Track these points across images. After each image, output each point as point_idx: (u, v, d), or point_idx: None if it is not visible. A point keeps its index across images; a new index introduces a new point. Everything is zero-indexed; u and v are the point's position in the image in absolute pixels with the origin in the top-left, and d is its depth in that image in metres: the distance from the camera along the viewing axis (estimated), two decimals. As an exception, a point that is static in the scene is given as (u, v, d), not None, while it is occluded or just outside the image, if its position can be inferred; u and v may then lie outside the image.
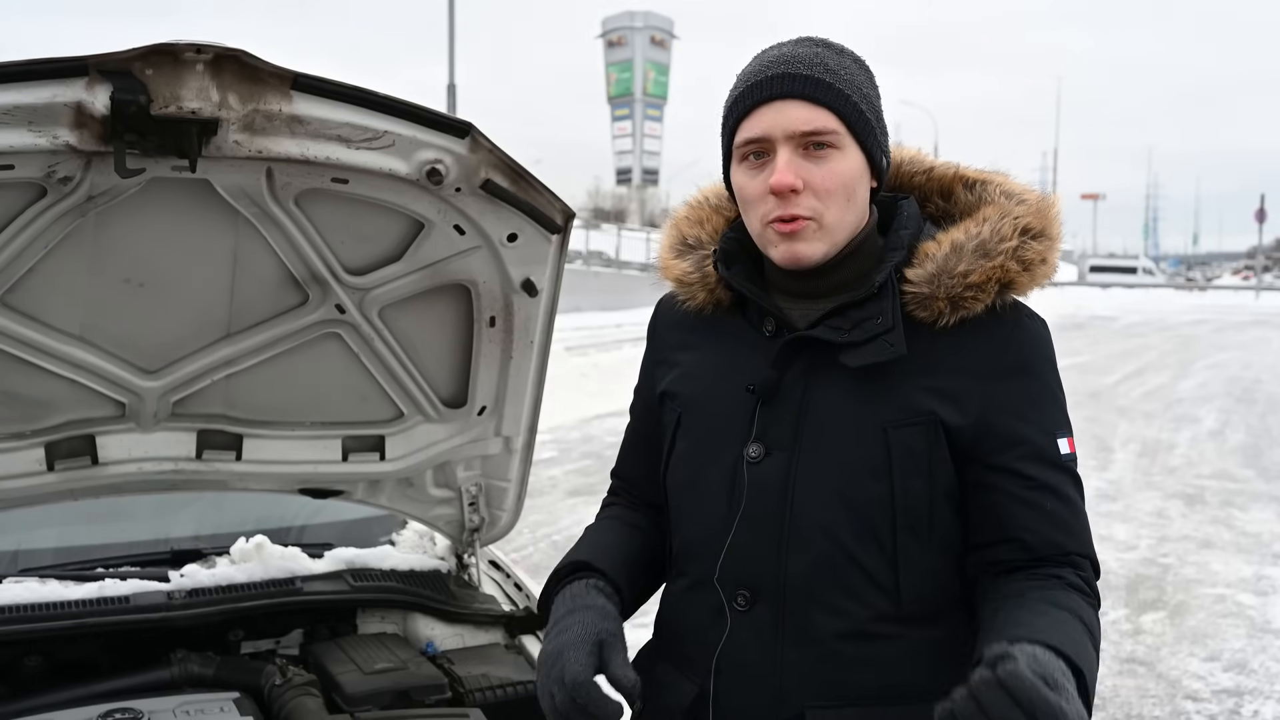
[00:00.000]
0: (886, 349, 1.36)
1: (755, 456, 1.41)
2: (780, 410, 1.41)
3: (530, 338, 2.20)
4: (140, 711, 1.98)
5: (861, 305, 1.39)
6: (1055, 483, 1.38)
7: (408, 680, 2.19)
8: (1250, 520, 7.62)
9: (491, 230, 2.00)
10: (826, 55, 1.39)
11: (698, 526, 1.47)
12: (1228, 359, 19.00)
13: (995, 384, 1.38)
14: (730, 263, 1.48)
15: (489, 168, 1.89)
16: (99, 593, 2.21)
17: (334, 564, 2.47)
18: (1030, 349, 1.41)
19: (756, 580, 1.40)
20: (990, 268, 1.37)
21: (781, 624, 1.39)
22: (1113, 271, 53.98)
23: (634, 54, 70.81)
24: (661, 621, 1.56)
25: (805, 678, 1.38)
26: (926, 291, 1.38)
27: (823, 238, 1.38)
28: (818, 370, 1.40)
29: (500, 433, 2.37)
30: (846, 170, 1.37)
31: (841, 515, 1.37)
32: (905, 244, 1.42)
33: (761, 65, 1.39)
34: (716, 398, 1.47)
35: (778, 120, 1.35)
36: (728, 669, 1.43)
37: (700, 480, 1.47)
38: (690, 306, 1.54)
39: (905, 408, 1.37)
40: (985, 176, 1.51)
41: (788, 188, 1.34)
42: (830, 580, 1.38)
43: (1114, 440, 10.58)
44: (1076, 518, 1.39)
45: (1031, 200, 1.45)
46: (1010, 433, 1.38)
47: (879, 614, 1.37)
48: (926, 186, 1.53)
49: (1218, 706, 4.50)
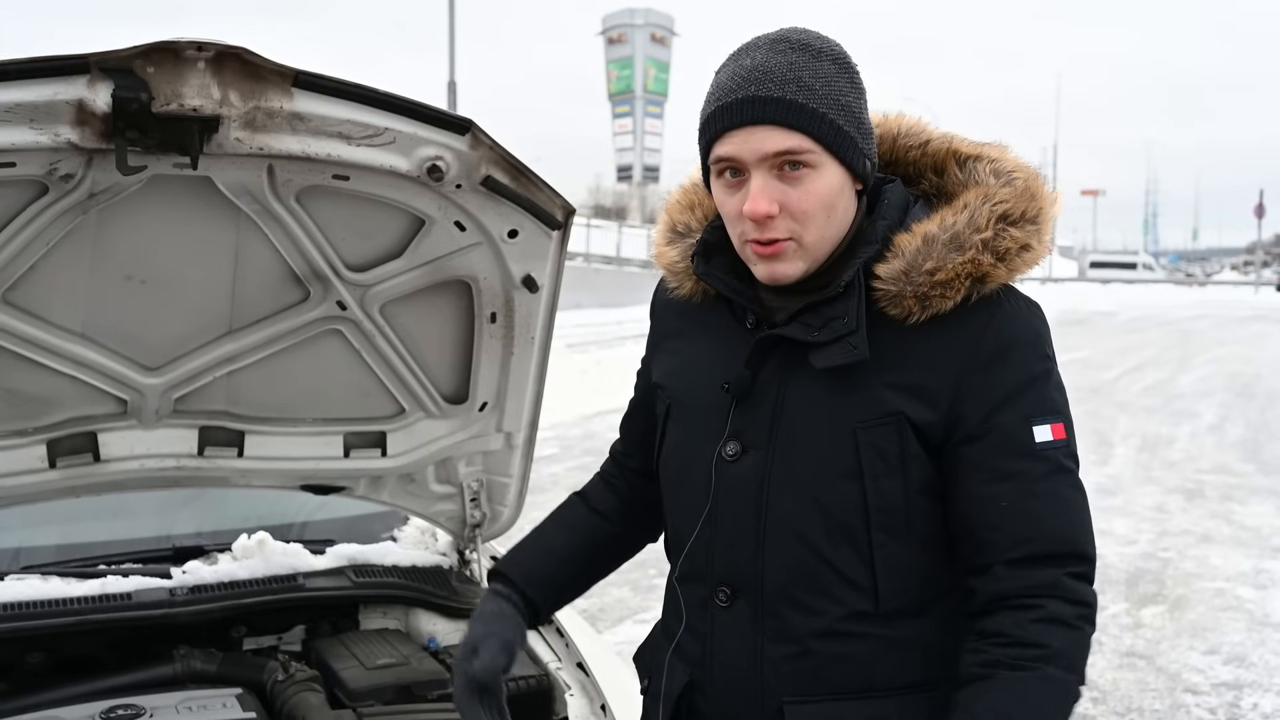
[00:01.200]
0: (850, 351, 1.32)
1: (731, 455, 1.40)
2: (756, 408, 1.40)
3: (531, 334, 2.21)
4: (143, 707, 1.99)
5: (831, 303, 1.35)
6: (1023, 472, 1.30)
7: (410, 675, 2.19)
8: (1250, 514, 7.63)
9: (492, 226, 2.00)
10: (802, 65, 1.31)
11: (682, 521, 1.48)
12: (1227, 354, 19.00)
13: (967, 377, 1.32)
14: (712, 254, 1.45)
15: (489, 164, 1.90)
16: (101, 590, 2.21)
17: (336, 560, 2.48)
18: (1006, 337, 1.33)
19: (736, 578, 1.41)
20: (960, 263, 1.32)
21: (760, 621, 1.39)
22: (1113, 267, 53.97)
23: (634, 51, 70.66)
24: (665, 605, 1.58)
25: (784, 673, 1.38)
26: (895, 290, 1.33)
27: (802, 256, 1.34)
28: (792, 368, 1.38)
29: (501, 428, 2.37)
30: (824, 189, 1.32)
31: (815, 517, 1.35)
32: (879, 237, 1.36)
33: (735, 81, 1.32)
34: (700, 391, 1.46)
35: (748, 144, 1.30)
36: (713, 661, 1.44)
37: (684, 475, 1.47)
38: (679, 294, 1.53)
39: (874, 407, 1.33)
40: (979, 151, 1.43)
41: (762, 215, 1.30)
42: (805, 582, 1.36)
43: (1114, 435, 10.59)
44: (1056, 510, 1.31)
45: (1020, 181, 1.37)
46: (978, 424, 1.32)
47: (856, 613, 1.36)
48: (921, 162, 1.47)
49: (1217, 699, 4.50)
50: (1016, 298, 1.36)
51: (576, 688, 2.19)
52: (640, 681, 1.61)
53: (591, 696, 2.16)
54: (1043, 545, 1.30)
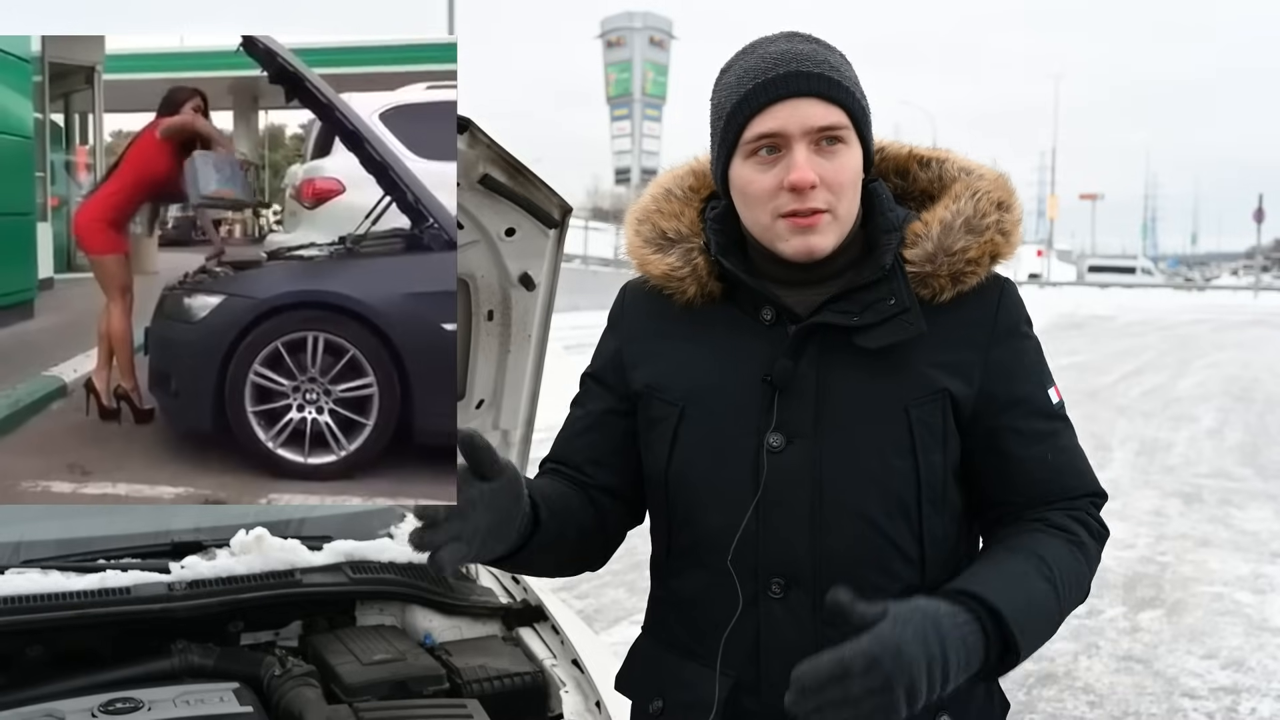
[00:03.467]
0: (907, 328, 1.39)
1: (777, 445, 1.41)
2: (797, 398, 1.42)
3: (528, 331, 2.22)
4: (141, 700, 1.99)
5: (868, 288, 1.42)
6: (1053, 431, 1.47)
7: (406, 671, 2.20)
8: (1248, 518, 7.65)
9: (489, 224, 2.01)
10: (825, 53, 1.41)
11: (718, 518, 1.45)
12: (1226, 358, 19.03)
13: (992, 350, 1.45)
14: (726, 254, 1.48)
15: (487, 163, 1.91)
16: (100, 584, 2.22)
17: (333, 556, 2.48)
18: (1016, 311, 1.49)
19: (791, 567, 1.41)
20: (983, 243, 1.44)
21: (820, 607, 1.39)
22: (1111, 271, 54.02)
23: (633, 54, 70.86)
24: (669, 619, 1.55)
25: None
26: (928, 270, 1.43)
27: (835, 229, 1.41)
28: (829, 355, 1.42)
29: (498, 426, 2.38)
30: (854, 163, 1.41)
31: (873, 495, 1.40)
32: (897, 225, 1.46)
33: (768, 62, 1.39)
34: (724, 389, 1.46)
35: (794, 116, 1.37)
36: (768, 655, 1.43)
37: (718, 472, 1.46)
38: (680, 300, 1.53)
39: (921, 385, 1.41)
40: (938, 154, 1.56)
41: (810, 183, 1.36)
42: (867, 559, 1.41)
43: (1112, 439, 10.60)
44: (1077, 459, 1.49)
45: (989, 175, 1.51)
46: (1009, 394, 1.45)
47: (908, 586, 1.40)
48: (881, 166, 1.56)
49: (1215, 704, 4.51)
50: (1006, 277, 1.50)
51: (571, 684, 2.20)
52: (646, 704, 1.53)
53: (586, 693, 2.17)
54: (1075, 489, 1.48)
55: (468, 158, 1.89)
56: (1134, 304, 37.08)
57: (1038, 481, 1.45)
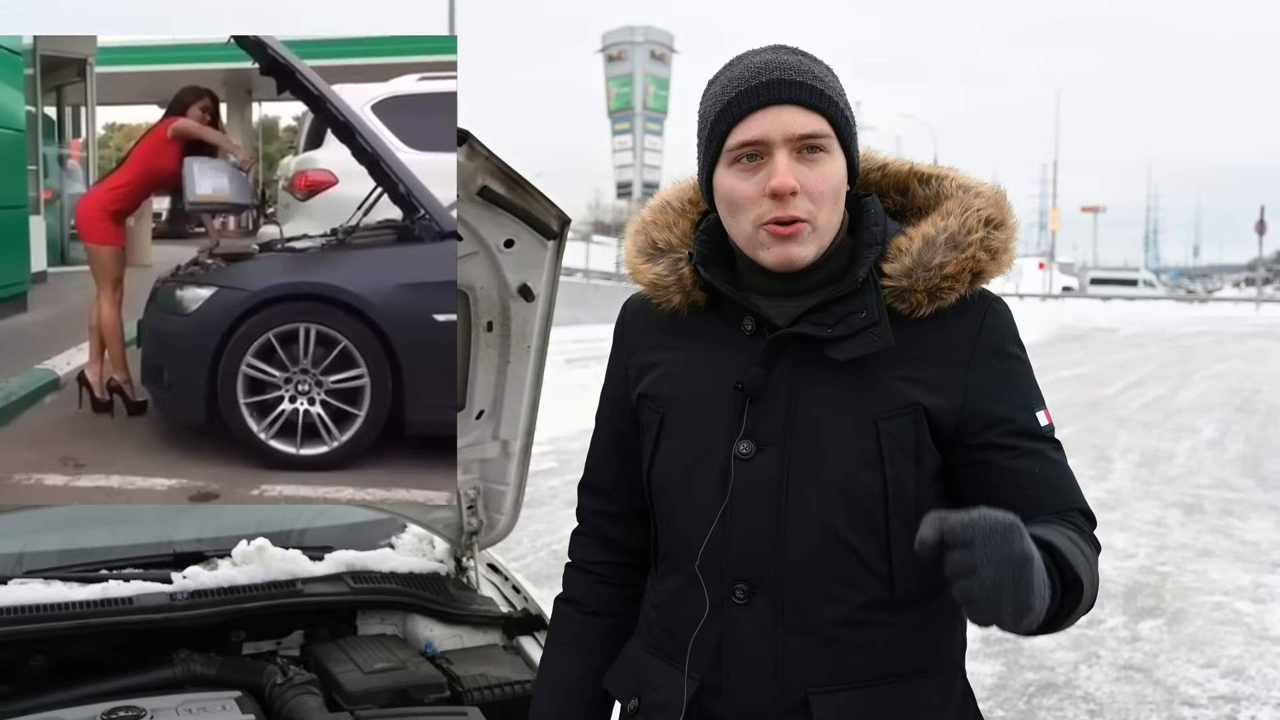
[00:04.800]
0: (875, 341, 1.39)
1: (746, 453, 1.44)
2: (768, 406, 1.44)
3: (527, 342, 2.24)
4: (143, 710, 2.01)
5: (844, 300, 1.42)
6: (1039, 450, 1.44)
7: (407, 679, 2.22)
8: (1249, 529, 7.64)
9: (489, 236, 2.03)
10: (810, 64, 1.43)
11: (690, 523, 1.49)
12: (1227, 370, 19.01)
13: (974, 369, 1.43)
14: (705, 265, 1.50)
15: (486, 175, 1.93)
16: (103, 594, 2.23)
17: (334, 566, 2.50)
18: (1002, 331, 1.46)
19: (755, 573, 1.43)
20: (963, 259, 1.43)
21: (781, 614, 1.42)
22: (1113, 284, 53.97)
23: (634, 68, 71.02)
24: (651, 620, 1.58)
25: (807, 664, 1.42)
26: (905, 284, 1.42)
27: (814, 240, 1.41)
28: (802, 366, 1.44)
29: (498, 436, 2.40)
30: (836, 173, 1.41)
31: (837, 506, 1.41)
32: (879, 239, 1.46)
33: (751, 71, 1.42)
34: (701, 396, 1.49)
35: (775, 124, 1.38)
36: (730, 660, 1.45)
37: (691, 478, 1.49)
38: (665, 309, 1.56)
39: (892, 398, 1.41)
40: (939, 172, 1.56)
41: (789, 189, 1.37)
42: (828, 569, 1.41)
43: (1113, 450, 10.60)
44: (1064, 477, 1.46)
45: (986, 193, 1.50)
46: (992, 414, 1.43)
47: (874, 599, 1.41)
48: (882, 183, 1.58)
49: (1215, 713, 4.51)
50: (996, 296, 1.49)
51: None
52: (623, 703, 1.59)
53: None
54: (1065, 504, 1.44)
55: (466, 170, 1.91)
56: (1136, 316, 37.00)
57: (1026, 497, 1.41)
